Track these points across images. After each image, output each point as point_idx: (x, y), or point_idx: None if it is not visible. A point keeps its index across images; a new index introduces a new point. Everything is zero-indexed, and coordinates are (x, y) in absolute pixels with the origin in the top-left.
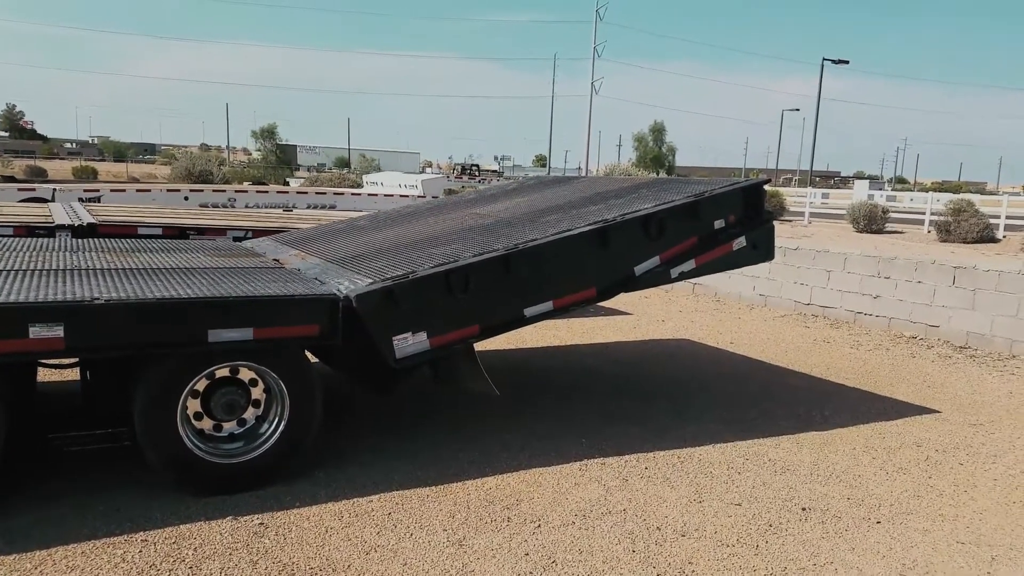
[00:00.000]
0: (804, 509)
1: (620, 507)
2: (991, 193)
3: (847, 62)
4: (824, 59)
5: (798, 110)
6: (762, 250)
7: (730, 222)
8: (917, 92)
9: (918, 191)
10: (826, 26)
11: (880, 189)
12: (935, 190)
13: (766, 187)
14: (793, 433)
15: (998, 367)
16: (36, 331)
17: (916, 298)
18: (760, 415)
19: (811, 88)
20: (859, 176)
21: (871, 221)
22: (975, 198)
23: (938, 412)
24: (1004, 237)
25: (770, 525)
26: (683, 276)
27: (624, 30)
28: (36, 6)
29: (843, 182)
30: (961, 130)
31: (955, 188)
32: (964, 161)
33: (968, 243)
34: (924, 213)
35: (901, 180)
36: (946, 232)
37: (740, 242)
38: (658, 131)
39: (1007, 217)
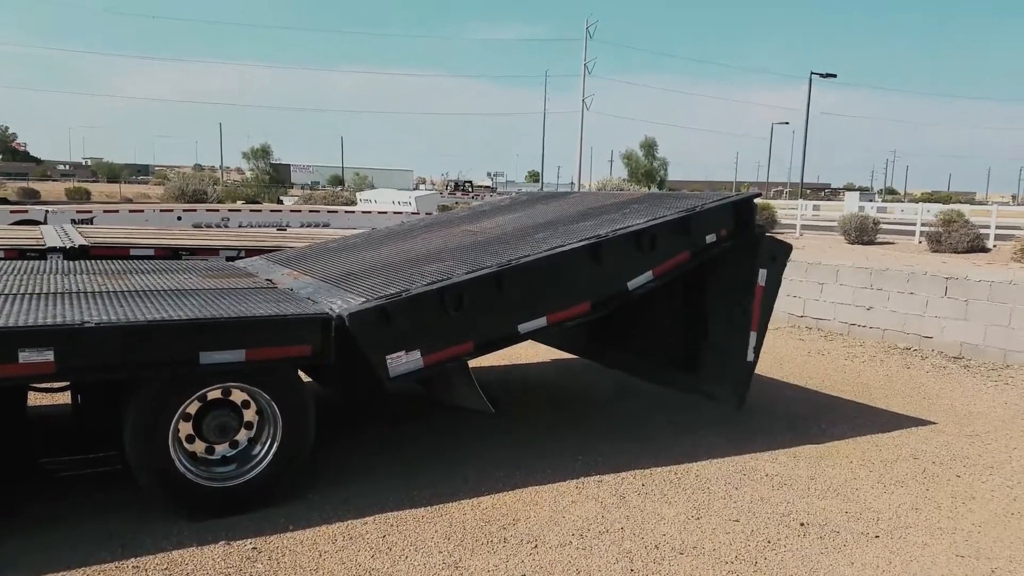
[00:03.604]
0: (802, 524)
1: (618, 525)
2: (980, 203)
3: (835, 75)
4: (812, 73)
5: (787, 123)
6: (780, 255)
7: (721, 236)
8: (905, 104)
9: (908, 202)
10: (813, 41)
11: (870, 200)
12: (925, 201)
13: (756, 200)
14: (790, 447)
15: (992, 377)
16: (26, 355)
17: (909, 309)
18: (757, 428)
19: (800, 101)
20: (849, 188)
21: (862, 232)
22: (965, 208)
23: (934, 423)
24: (994, 247)
25: (768, 541)
26: (759, 349)
27: (615, 47)
28: (28, 27)
29: (833, 194)
30: (950, 141)
31: (945, 199)
32: (953, 172)
33: (959, 253)
34: (915, 224)
35: (891, 191)
36: (937, 242)
37: (763, 275)
38: (649, 146)
39: (997, 227)
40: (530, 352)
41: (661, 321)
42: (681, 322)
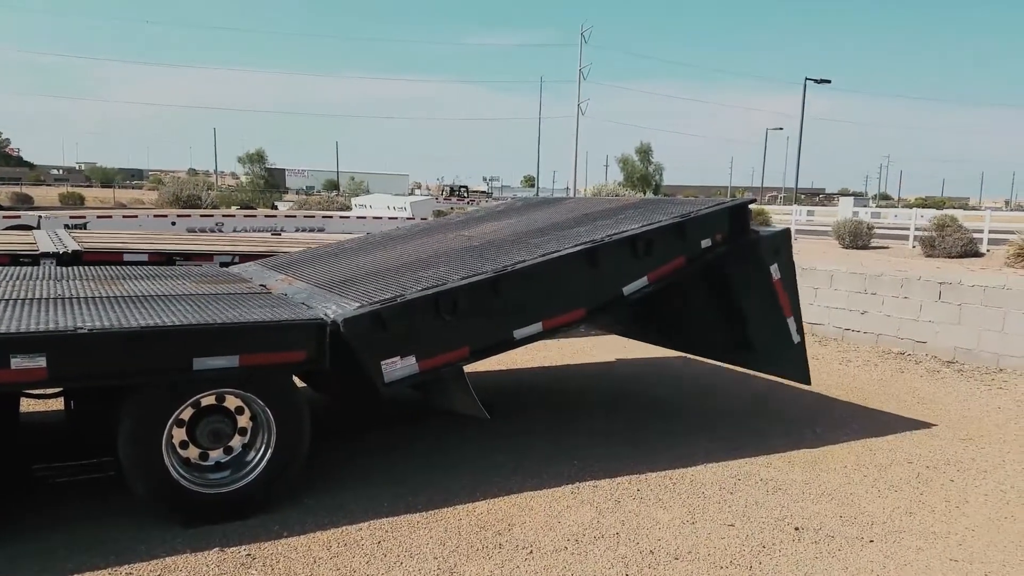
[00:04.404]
0: (797, 529)
1: (613, 530)
2: (974, 208)
3: (829, 81)
4: (806, 78)
5: (782, 129)
6: (782, 244)
7: (717, 241)
8: (899, 109)
9: (902, 207)
10: (808, 47)
11: (865, 206)
12: (919, 206)
13: (751, 206)
14: (784, 451)
15: (986, 381)
16: (18, 362)
17: (903, 314)
18: (751, 433)
19: (795, 107)
20: (844, 193)
21: (856, 237)
22: (958, 213)
23: (928, 428)
24: (988, 251)
25: (763, 546)
26: (801, 329)
27: (610, 52)
28: (21, 33)
29: (828, 199)
30: (944, 146)
31: (938, 204)
32: (947, 177)
33: (953, 258)
34: (909, 229)
35: (885, 196)
36: (931, 247)
37: (775, 269)
38: (645, 151)
39: (990, 231)
40: (526, 357)
41: (711, 312)
42: (725, 315)
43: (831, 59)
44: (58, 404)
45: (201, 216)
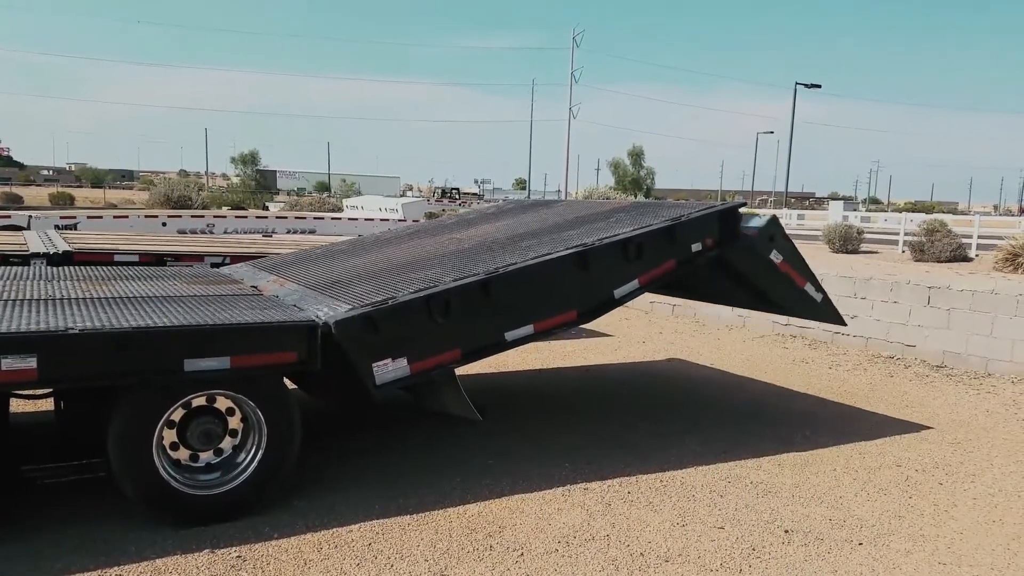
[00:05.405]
0: (787, 531)
1: (603, 533)
2: (963, 213)
3: (819, 86)
4: (797, 83)
5: (772, 132)
6: (774, 231)
7: (707, 245)
8: (889, 114)
9: (892, 211)
10: (799, 51)
11: (854, 210)
12: (908, 210)
13: (742, 210)
14: (775, 454)
15: (974, 385)
16: (8, 362)
17: (892, 318)
18: (741, 436)
19: (785, 112)
20: (834, 197)
21: (846, 241)
22: (947, 218)
23: (917, 431)
24: (976, 256)
25: (753, 548)
26: (820, 288)
27: (603, 57)
28: (11, 33)
29: (818, 203)
30: (933, 151)
31: (928, 208)
32: (936, 182)
33: (942, 262)
34: (898, 233)
35: (875, 200)
36: (920, 252)
37: (776, 255)
38: (637, 155)
39: (979, 236)
40: (517, 360)
41: (740, 288)
42: (751, 292)
43: (823, 64)
44: (48, 405)
45: (192, 217)
